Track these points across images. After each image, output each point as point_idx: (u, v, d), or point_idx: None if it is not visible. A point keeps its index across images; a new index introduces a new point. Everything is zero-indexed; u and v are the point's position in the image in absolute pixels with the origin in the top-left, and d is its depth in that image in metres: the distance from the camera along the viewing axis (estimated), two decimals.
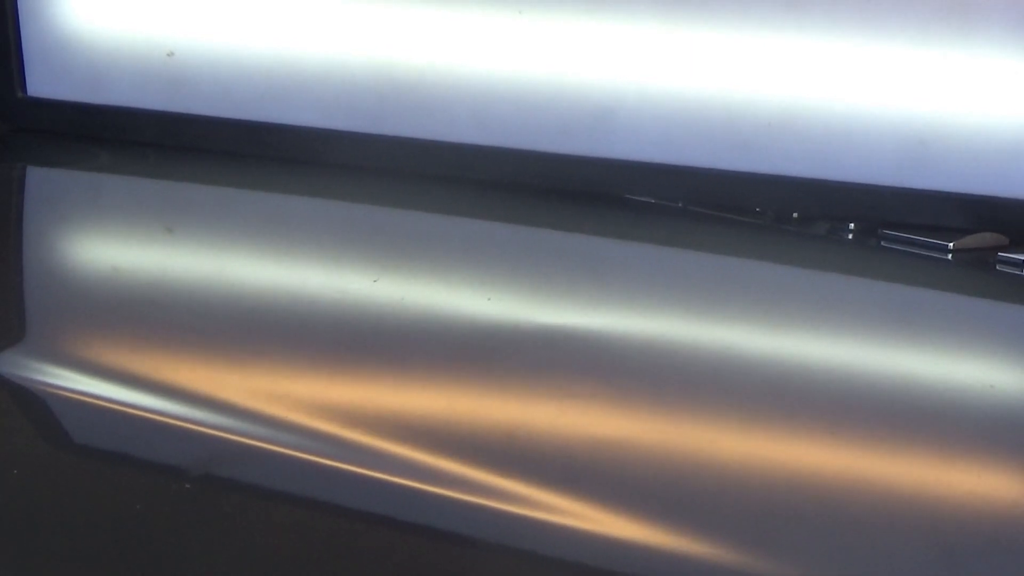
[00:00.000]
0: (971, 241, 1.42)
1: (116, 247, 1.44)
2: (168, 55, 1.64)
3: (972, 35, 1.40)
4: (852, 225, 1.47)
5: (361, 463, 0.92)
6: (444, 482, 0.90)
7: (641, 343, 1.18)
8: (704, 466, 0.96)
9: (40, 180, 1.73)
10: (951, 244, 1.41)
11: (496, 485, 0.89)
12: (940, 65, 1.41)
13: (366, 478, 0.91)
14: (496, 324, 1.19)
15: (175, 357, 1.09)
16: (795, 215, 1.49)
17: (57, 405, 1.02)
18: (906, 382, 1.13)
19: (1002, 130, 1.40)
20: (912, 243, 1.42)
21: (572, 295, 1.29)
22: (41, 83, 1.71)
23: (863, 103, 1.44)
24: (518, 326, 1.20)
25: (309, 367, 1.09)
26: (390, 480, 0.90)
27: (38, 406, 1.03)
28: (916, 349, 1.22)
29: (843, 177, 1.45)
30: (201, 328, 1.17)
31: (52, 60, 1.69)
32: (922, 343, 1.24)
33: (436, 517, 0.88)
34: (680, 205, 1.53)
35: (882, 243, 1.44)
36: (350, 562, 0.84)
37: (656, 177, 1.51)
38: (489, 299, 1.25)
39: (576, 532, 0.85)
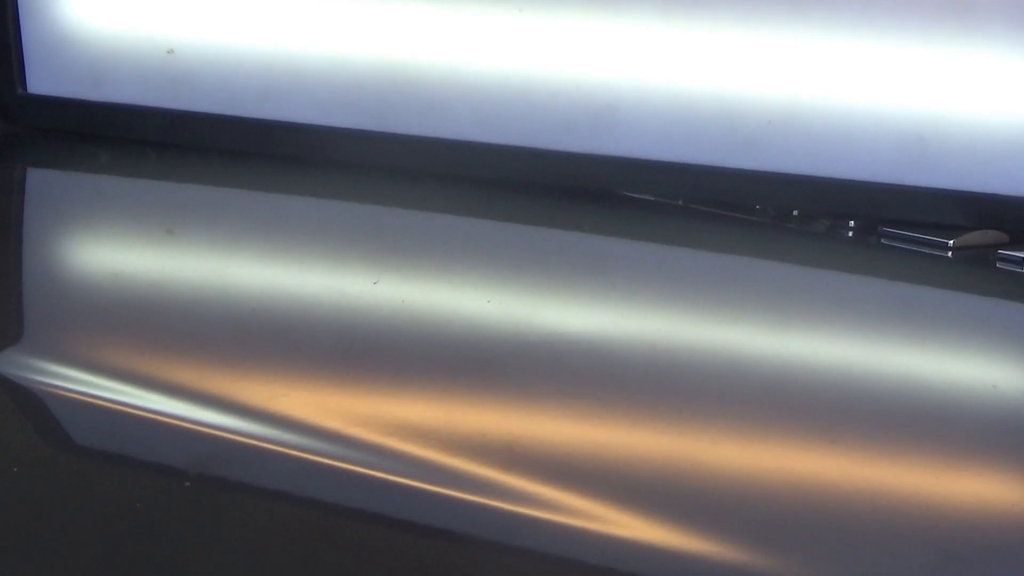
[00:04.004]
0: (971, 238, 1.42)
1: (116, 248, 1.44)
2: (168, 52, 1.64)
3: (973, 32, 1.40)
4: (852, 223, 1.47)
5: (361, 463, 0.92)
6: (444, 482, 0.90)
7: (641, 341, 1.18)
8: (704, 465, 0.96)
9: (40, 181, 1.73)
10: (951, 242, 1.41)
11: (497, 485, 0.89)
12: (940, 62, 1.41)
13: (366, 478, 0.91)
14: (497, 325, 1.19)
15: (175, 357, 1.09)
16: (795, 213, 1.49)
17: (57, 405, 1.02)
18: (907, 381, 1.13)
19: (1003, 127, 1.40)
20: (912, 240, 1.42)
21: (572, 294, 1.29)
22: (41, 80, 1.70)
23: (863, 100, 1.43)
24: (518, 326, 1.20)
25: (309, 368, 1.09)
26: (390, 480, 0.90)
27: (38, 406, 1.04)
28: (916, 347, 1.22)
29: (843, 174, 1.45)
30: (201, 328, 1.17)
31: (52, 57, 1.69)
32: (923, 341, 1.24)
33: (436, 517, 0.88)
34: (680, 203, 1.53)
35: (882, 240, 1.44)
36: (350, 562, 0.84)
37: (656, 175, 1.51)
38: (489, 301, 1.25)
39: (577, 532, 0.85)
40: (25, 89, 1.71)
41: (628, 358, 1.14)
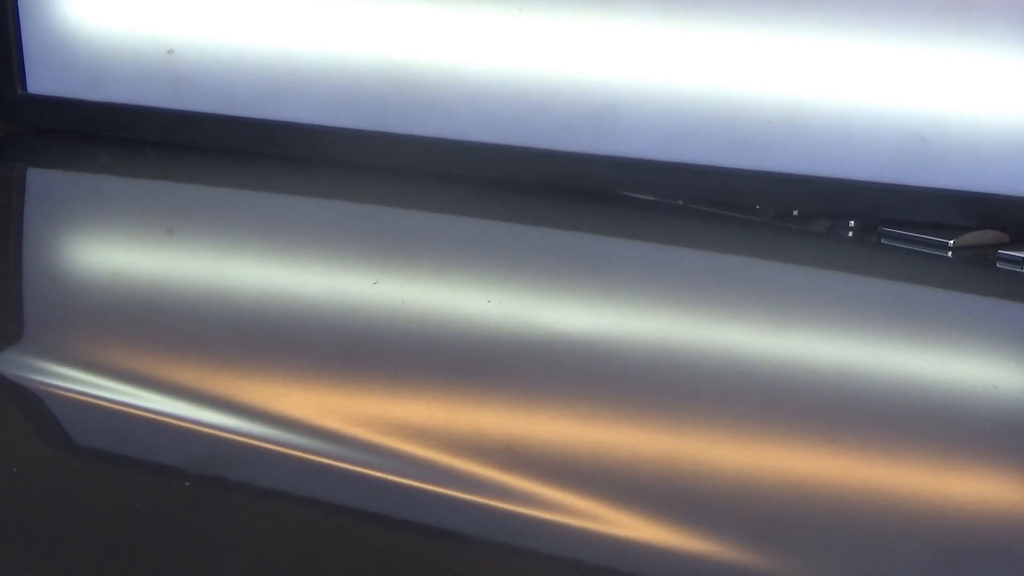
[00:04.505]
0: (971, 238, 1.41)
1: (116, 248, 1.44)
2: (168, 52, 1.64)
3: (973, 32, 1.40)
4: (852, 223, 1.47)
5: (361, 463, 0.92)
6: (444, 482, 0.90)
7: (641, 341, 1.18)
8: (704, 465, 0.96)
9: (40, 181, 1.73)
10: (951, 242, 1.41)
11: (497, 485, 0.89)
12: (940, 62, 1.41)
13: (366, 478, 0.91)
14: (497, 325, 1.19)
15: (175, 357, 1.09)
16: (795, 212, 1.49)
17: (57, 405, 1.02)
18: (907, 381, 1.13)
19: (1003, 127, 1.40)
20: (912, 240, 1.42)
21: (572, 294, 1.29)
22: (41, 80, 1.70)
23: (863, 100, 1.43)
24: (518, 326, 1.20)
25: (309, 368, 1.09)
26: (390, 480, 0.90)
27: (38, 406, 1.04)
28: (917, 348, 1.22)
29: (843, 174, 1.45)
30: (201, 328, 1.17)
31: (52, 57, 1.69)
32: (923, 341, 1.24)
33: (436, 517, 0.88)
34: (680, 203, 1.53)
35: (882, 240, 1.44)
36: (350, 562, 0.84)
37: (656, 174, 1.51)
38: (489, 301, 1.25)
39: (577, 532, 0.85)
40: (25, 89, 1.71)
41: (628, 358, 1.14)
